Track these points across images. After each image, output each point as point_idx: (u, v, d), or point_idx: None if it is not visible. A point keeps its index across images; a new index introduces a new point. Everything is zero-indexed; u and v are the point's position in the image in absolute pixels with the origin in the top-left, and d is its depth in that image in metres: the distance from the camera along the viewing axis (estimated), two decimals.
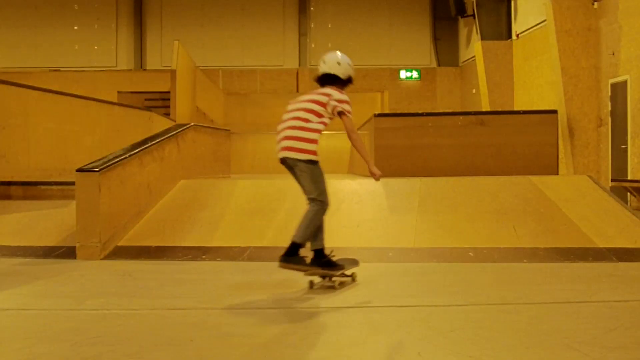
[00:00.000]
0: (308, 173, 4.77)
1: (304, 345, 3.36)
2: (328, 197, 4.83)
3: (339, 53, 5.06)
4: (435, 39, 24.15)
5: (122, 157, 6.86)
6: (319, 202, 4.77)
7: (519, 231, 6.63)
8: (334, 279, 4.88)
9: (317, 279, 4.89)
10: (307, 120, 4.73)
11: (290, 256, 4.67)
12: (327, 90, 4.86)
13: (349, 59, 5.05)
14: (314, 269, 4.78)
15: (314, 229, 4.78)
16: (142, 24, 24.45)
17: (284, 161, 4.87)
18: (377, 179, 4.96)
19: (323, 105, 4.78)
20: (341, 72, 4.95)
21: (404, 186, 7.88)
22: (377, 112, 11.98)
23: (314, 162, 4.76)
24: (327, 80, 4.93)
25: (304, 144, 4.70)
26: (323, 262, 4.81)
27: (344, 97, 4.84)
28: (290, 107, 4.93)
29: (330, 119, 4.83)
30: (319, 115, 4.75)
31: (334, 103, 4.77)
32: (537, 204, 7.22)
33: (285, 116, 4.88)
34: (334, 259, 4.91)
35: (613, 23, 12.88)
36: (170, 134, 8.38)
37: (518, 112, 12.77)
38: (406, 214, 7.14)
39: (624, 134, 12.50)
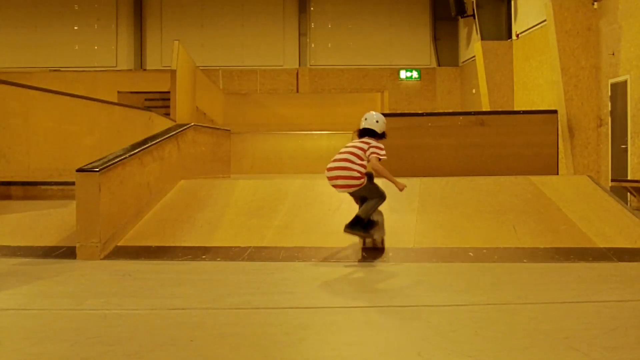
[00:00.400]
0: (364, 190, 6.28)
1: (304, 345, 3.36)
2: (384, 191, 6.34)
3: (374, 113, 6.52)
4: (435, 39, 24.16)
5: (122, 157, 6.86)
6: (380, 198, 6.33)
7: (519, 231, 6.64)
8: (375, 236, 6.42)
9: (366, 240, 6.48)
10: (352, 162, 6.18)
11: (354, 225, 6.20)
12: (367, 139, 6.30)
13: (384, 118, 6.46)
14: (367, 234, 6.31)
15: (373, 211, 6.33)
16: (142, 24, 24.46)
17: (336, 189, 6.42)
18: (402, 190, 6.27)
19: (364, 151, 6.22)
20: (378, 128, 6.37)
21: None
22: None
23: (363, 183, 6.21)
24: (367, 133, 6.35)
25: (354, 181, 6.18)
26: (367, 224, 6.25)
27: (379, 145, 6.28)
28: (342, 149, 6.34)
29: (368, 161, 6.22)
30: (361, 159, 6.20)
31: (372, 149, 6.20)
32: (537, 204, 7.22)
33: (338, 156, 6.30)
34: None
35: (613, 23, 12.89)
36: (170, 134, 8.38)
37: (518, 112, 12.77)
38: (406, 214, 7.14)
39: (624, 134, 12.50)
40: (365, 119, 6.40)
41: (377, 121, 6.36)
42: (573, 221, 6.77)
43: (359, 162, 6.15)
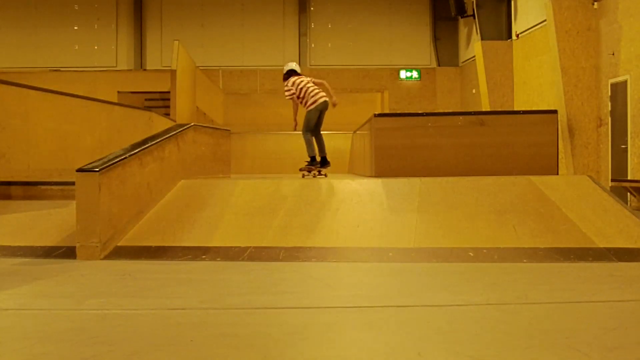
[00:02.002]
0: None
1: (304, 345, 3.36)
2: None
3: (293, 62, 10.31)
4: (435, 39, 24.15)
5: (122, 157, 6.86)
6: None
7: (519, 231, 6.64)
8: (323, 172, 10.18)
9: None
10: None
11: (325, 164, 9.98)
12: (308, 77, 10.09)
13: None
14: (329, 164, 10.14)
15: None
16: (142, 24, 24.46)
17: (324, 105, 9.82)
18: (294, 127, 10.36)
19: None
20: (299, 69, 10.24)
21: (404, 186, 7.88)
22: (377, 112, 11.98)
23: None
24: (295, 73, 10.02)
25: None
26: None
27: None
28: (306, 79, 9.92)
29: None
30: None
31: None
32: (537, 204, 7.22)
33: (309, 85, 9.84)
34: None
35: (613, 23, 12.89)
36: (170, 134, 8.38)
37: (518, 112, 12.77)
38: (406, 214, 7.14)
39: (624, 134, 12.51)
40: (289, 65, 10.13)
41: (297, 64, 10.25)
42: (573, 221, 6.78)
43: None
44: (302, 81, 9.79)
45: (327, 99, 9.68)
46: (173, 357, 3.14)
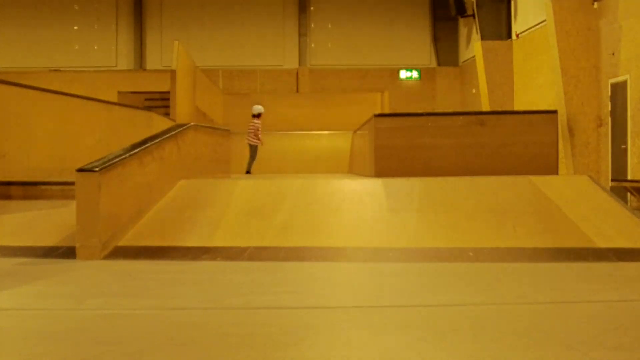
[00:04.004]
0: (253, 149, 14.67)
1: (304, 345, 3.36)
2: (256, 155, 14.87)
3: (259, 105, 14.95)
4: (435, 39, 24.15)
5: (122, 157, 6.86)
6: (254, 159, 14.68)
7: (519, 231, 6.64)
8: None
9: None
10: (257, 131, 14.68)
11: (248, 173, 14.21)
12: (257, 121, 14.70)
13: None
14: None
15: (251, 165, 14.61)
16: (142, 24, 24.46)
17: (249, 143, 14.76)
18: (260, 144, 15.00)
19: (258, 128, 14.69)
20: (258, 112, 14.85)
21: (404, 186, 7.88)
22: (377, 112, 11.99)
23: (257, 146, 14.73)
24: (256, 115, 14.69)
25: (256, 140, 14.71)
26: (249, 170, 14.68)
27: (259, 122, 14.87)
28: (255, 125, 14.62)
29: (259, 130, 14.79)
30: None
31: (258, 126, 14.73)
32: (537, 204, 7.22)
33: (250, 129, 14.69)
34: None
35: (613, 23, 12.89)
36: (170, 134, 8.38)
37: (518, 112, 12.77)
38: (406, 214, 7.15)
39: (624, 134, 12.51)
40: (255, 108, 14.72)
41: (261, 107, 14.77)
42: (573, 221, 6.78)
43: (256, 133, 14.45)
44: (251, 124, 14.71)
45: (249, 142, 14.71)
46: (173, 357, 3.15)
